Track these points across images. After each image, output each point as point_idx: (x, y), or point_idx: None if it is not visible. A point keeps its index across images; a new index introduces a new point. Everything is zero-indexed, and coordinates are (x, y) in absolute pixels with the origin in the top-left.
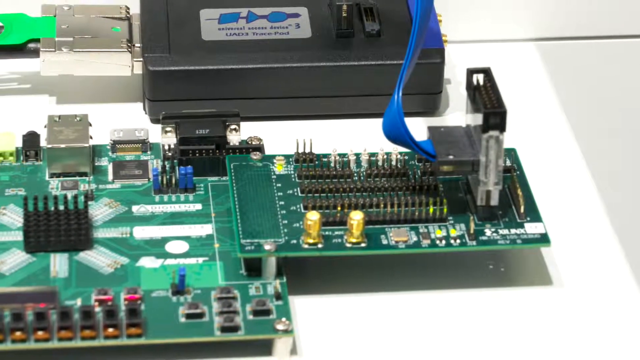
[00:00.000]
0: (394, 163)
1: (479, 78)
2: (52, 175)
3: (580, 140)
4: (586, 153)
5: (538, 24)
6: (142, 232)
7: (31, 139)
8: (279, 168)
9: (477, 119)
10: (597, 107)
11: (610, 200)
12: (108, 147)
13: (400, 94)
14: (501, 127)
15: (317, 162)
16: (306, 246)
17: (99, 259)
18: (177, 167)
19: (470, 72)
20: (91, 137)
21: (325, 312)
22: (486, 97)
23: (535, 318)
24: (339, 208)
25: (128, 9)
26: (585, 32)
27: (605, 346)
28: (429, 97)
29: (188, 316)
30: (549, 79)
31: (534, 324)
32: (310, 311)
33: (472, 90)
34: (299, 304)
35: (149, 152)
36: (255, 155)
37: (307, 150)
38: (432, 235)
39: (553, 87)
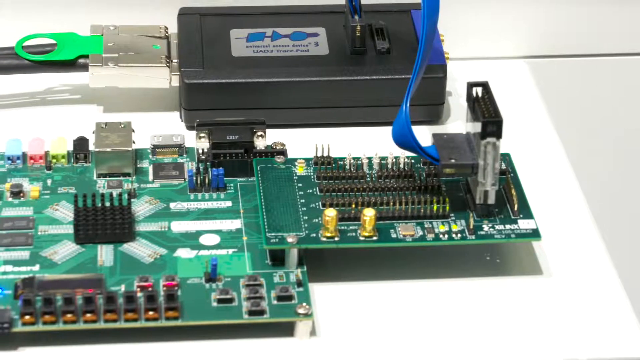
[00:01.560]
0: (402, 166)
1: (478, 91)
2: (99, 176)
3: (566, 146)
4: (572, 158)
5: (529, 43)
6: (178, 226)
7: (81, 143)
8: (300, 170)
9: (476, 127)
10: (581, 117)
11: (593, 199)
12: (149, 151)
13: (408, 104)
14: (498, 135)
15: (334, 165)
16: (324, 239)
17: (141, 249)
18: (209, 169)
19: (471, 86)
20: (134, 142)
21: (341, 298)
22: (484, 107)
23: (527, 303)
24: (353, 205)
25: (167, 28)
26: (570, 50)
27: (587, 327)
28: (432, 108)
29: (219, 301)
30: (539, 93)
31: (525, 308)
32: (328, 297)
33: (472, 101)
34: (318, 290)
35: (185, 156)
36: (279, 159)
37: (325, 154)
38: (436, 230)
39: (542, 100)
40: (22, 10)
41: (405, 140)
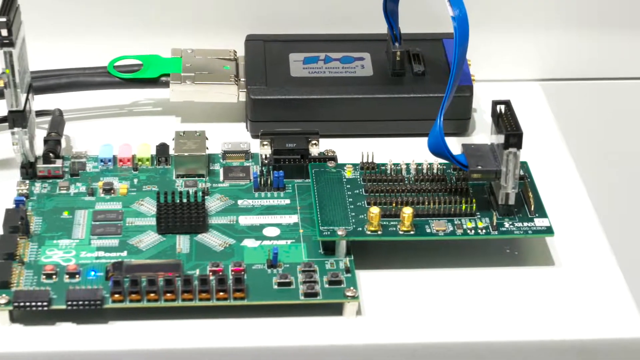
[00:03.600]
0: (435, 171)
1: (502, 108)
2: (177, 176)
3: (574, 156)
4: (579, 166)
5: (542, 68)
6: (245, 220)
7: (162, 148)
8: (348, 173)
9: (500, 139)
10: (587, 132)
11: (598, 202)
12: (220, 156)
13: (442, 119)
14: (518, 145)
15: (377, 170)
16: (369, 233)
17: (213, 239)
18: (271, 172)
19: (495, 103)
20: (207, 148)
21: (383, 283)
22: (507, 122)
23: (541, 290)
24: (393, 204)
25: (235, 52)
26: (578, 74)
27: (591, 310)
28: (460, 122)
29: (279, 284)
30: (551, 111)
31: (539, 294)
32: (372, 282)
33: (496, 116)
34: (364, 276)
35: (250, 160)
36: (331, 164)
37: (370, 161)
38: (464, 226)
39: (554, 117)
40: (114, 35)
41: (439, 149)
